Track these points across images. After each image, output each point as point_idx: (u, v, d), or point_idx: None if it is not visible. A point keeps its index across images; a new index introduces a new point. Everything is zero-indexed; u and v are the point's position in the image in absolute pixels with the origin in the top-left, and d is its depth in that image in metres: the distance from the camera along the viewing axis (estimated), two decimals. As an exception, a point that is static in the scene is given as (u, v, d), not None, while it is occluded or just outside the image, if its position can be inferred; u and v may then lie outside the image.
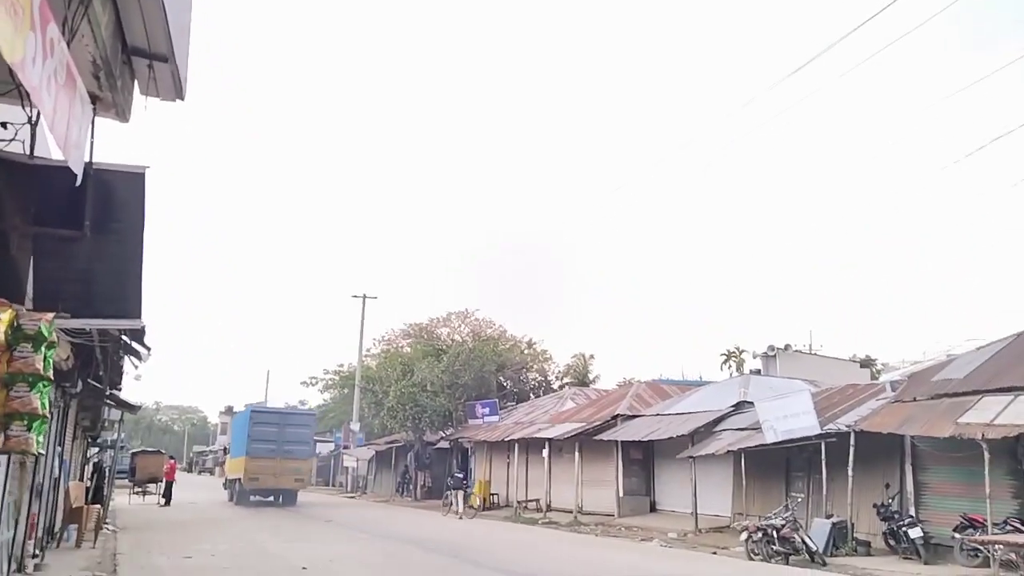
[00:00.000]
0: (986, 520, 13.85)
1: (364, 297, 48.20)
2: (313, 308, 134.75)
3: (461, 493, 29.01)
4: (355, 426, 45.54)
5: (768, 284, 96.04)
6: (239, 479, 32.46)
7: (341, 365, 54.11)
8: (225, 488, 38.84)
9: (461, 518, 27.08)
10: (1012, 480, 14.77)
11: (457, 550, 16.16)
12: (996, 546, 12.15)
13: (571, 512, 24.79)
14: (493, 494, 31.54)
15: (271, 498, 32.74)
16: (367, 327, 50.32)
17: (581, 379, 44.56)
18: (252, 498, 32.43)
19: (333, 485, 54.08)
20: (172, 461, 35.04)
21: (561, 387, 43.18)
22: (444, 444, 37.30)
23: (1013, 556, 11.48)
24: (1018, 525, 13.54)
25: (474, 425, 34.96)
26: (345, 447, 48.36)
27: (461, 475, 31.21)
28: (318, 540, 17.88)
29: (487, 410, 34.59)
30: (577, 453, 25.84)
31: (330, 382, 55.54)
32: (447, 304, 79.89)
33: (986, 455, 13.74)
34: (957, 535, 14.42)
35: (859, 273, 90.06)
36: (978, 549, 13.48)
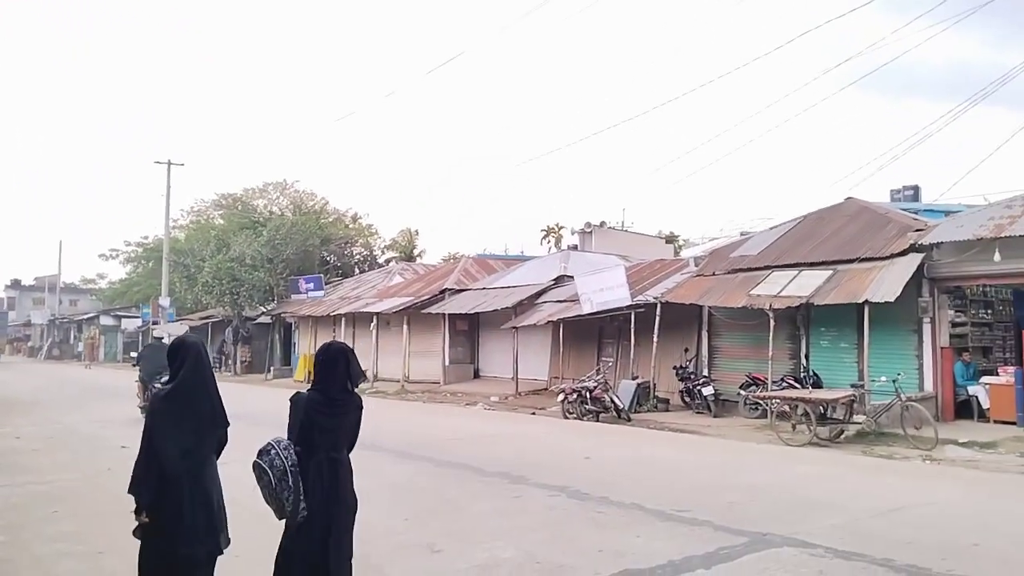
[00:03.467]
0: (767, 378, 15.86)
1: (169, 164, 44.46)
2: (112, 174, 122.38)
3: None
4: (164, 301, 42.96)
5: (585, 161, 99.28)
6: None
7: (145, 237, 50.39)
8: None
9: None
10: (791, 344, 16.87)
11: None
12: (772, 400, 13.94)
13: (398, 382, 25.39)
14: (318, 367, 31.40)
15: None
16: (174, 197, 46.69)
17: (407, 254, 44.59)
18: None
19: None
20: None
21: (387, 262, 43.04)
22: (266, 319, 36.34)
23: (787, 408, 13.23)
24: (792, 382, 15.61)
25: (298, 300, 34.24)
26: (154, 323, 45.76)
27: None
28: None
29: (311, 285, 33.89)
30: (405, 326, 26.22)
31: (132, 254, 51.70)
32: (264, 174, 75.53)
33: (771, 323, 15.51)
34: (742, 392, 16.43)
35: (663, 155, 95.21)
36: (758, 403, 15.45)
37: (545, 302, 23.20)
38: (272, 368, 33.90)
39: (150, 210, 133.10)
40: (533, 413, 18.17)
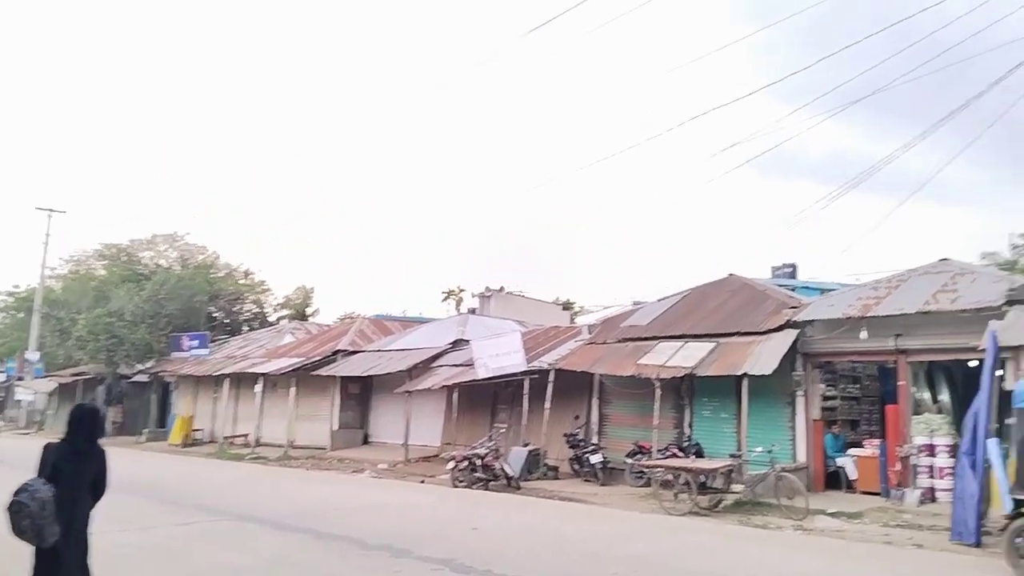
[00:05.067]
0: (652, 447, 16.21)
1: (51, 212, 42.15)
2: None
3: None
4: (32, 355, 40.13)
5: (488, 225, 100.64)
6: None
7: (17, 286, 47.21)
8: None
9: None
10: (675, 413, 17.35)
11: (152, 488, 15.14)
12: (656, 469, 14.23)
13: (282, 446, 24.37)
14: (197, 430, 29.78)
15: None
16: (54, 244, 44.24)
17: (300, 313, 43.49)
18: None
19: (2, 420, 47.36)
20: None
21: (279, 320, 41.81)
22: (143, 378, 34.34)
23: (670, 477, 13.52)
24: (676, 451, 16.02)
25: (179, 359, 32.60)
26: (19, 378, 42.44)
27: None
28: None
29: (196, 343, 32.39)
30: (293, 388, 25.34)
31: (2, 304, 48.30)
32: (153, 226, 72.63)
33: (657, 391, 15.96)
34: (629, 460, 16.70)
35: (565, 223, 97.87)
36: (644, 471, 15.72)
37: (441, 366, 23.03)
38: (145, 431, 31.83)
39: (25, 258, 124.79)
40: (422, 481, 17.80)
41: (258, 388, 25.95)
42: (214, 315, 39.21)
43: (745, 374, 14.70)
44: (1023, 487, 8.81)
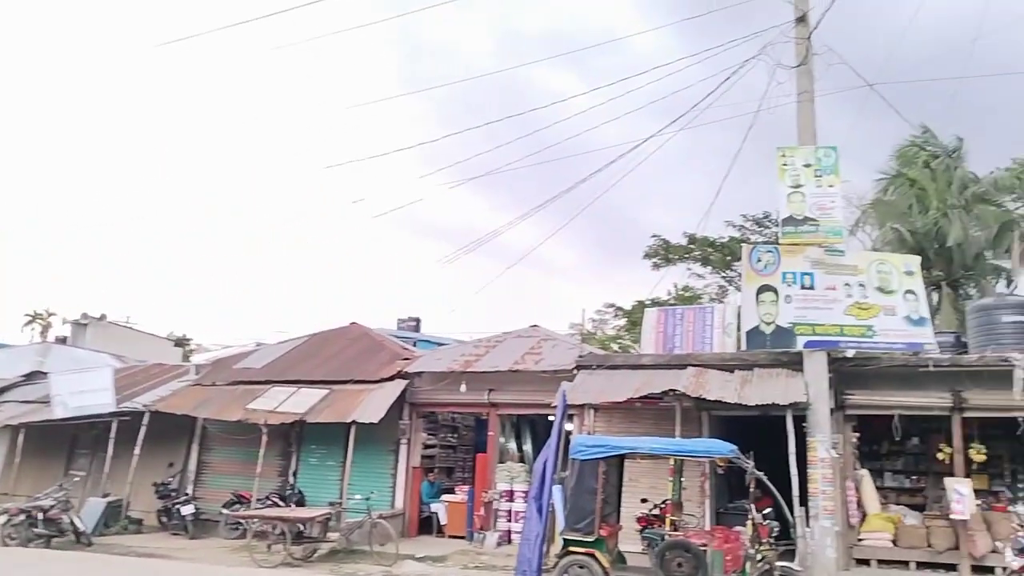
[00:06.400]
0: (252, 496, 15.47)
1: None
2: None
3: None
4: None
5: (86, 245, 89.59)
6: None
7: None
8: None
9: None
10: (282, 460, 16.83)
11: None
12: (251, 520, 13.60)
13: None
14: None
15: None
16: None
17: None
18: None
19: None
20: None
21: None
22: None
23: (266, 528, 13.01)
24: (277, 500, 15.49)
25: None
26: None
27: None
28: None
29: None
30: None
31: None
32: None
33: (264, 438, 15.36)
34: (225, 511, 15.71)
35: (180, 254, 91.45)
36: (240, 522, 14.90)
37: (7, 402, 19.55)
38: None
39: None
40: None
41: None
42: None
43: (354, 421, 14.89)
44: (572, 528, 10.14)
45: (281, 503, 15.33)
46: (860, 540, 12.03)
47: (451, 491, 16.24)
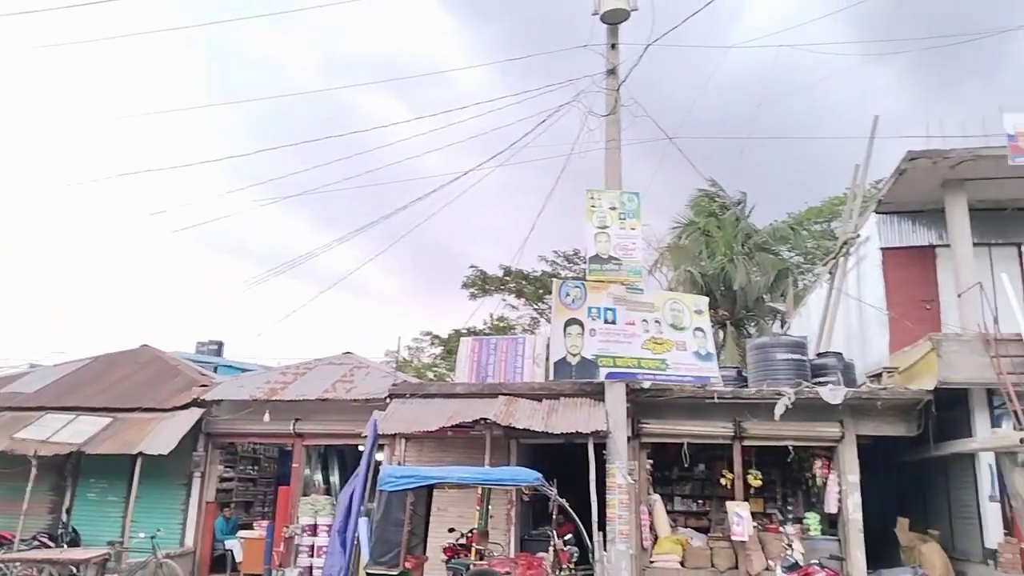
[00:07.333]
0: (16, 536, 13.72)
1: None
2: None
3: None
4: None
5: None
6: None
7: None
8: None
9: None
10: (54, 495, 15.14)
11: None
12: (13, 563, 12.08)
13: None
14: None
15: None
16: None
17: None
18: None
19: None
20: None
21: None
22: None
23: (32, 572, 11.62)
24: (45, 540, 13.87)
25: None
26: None
27: None
28: None
29: None
30: None
31: None
32: None
33: (33, 471, 13.74)
34: (-22, 556, 13.79)
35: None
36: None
37: None
38: None
39: None
40: None
41: None
42: None
43: (140, 453, 13.71)
44: (376, 562, 9.90)
45: (51, 544, 13.76)
46: (652, 562, 12.73)
47: (249, 527, 15.36)
